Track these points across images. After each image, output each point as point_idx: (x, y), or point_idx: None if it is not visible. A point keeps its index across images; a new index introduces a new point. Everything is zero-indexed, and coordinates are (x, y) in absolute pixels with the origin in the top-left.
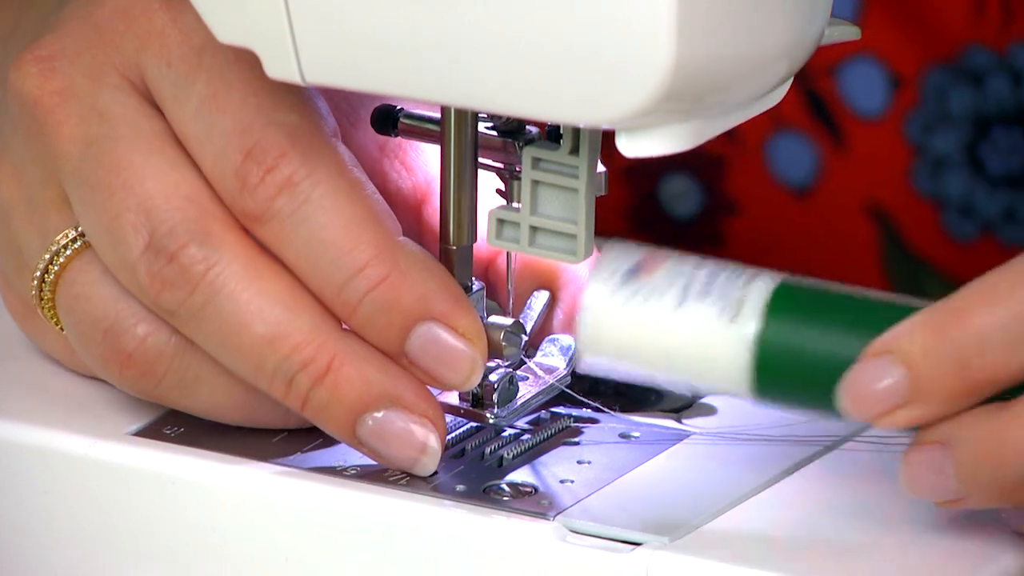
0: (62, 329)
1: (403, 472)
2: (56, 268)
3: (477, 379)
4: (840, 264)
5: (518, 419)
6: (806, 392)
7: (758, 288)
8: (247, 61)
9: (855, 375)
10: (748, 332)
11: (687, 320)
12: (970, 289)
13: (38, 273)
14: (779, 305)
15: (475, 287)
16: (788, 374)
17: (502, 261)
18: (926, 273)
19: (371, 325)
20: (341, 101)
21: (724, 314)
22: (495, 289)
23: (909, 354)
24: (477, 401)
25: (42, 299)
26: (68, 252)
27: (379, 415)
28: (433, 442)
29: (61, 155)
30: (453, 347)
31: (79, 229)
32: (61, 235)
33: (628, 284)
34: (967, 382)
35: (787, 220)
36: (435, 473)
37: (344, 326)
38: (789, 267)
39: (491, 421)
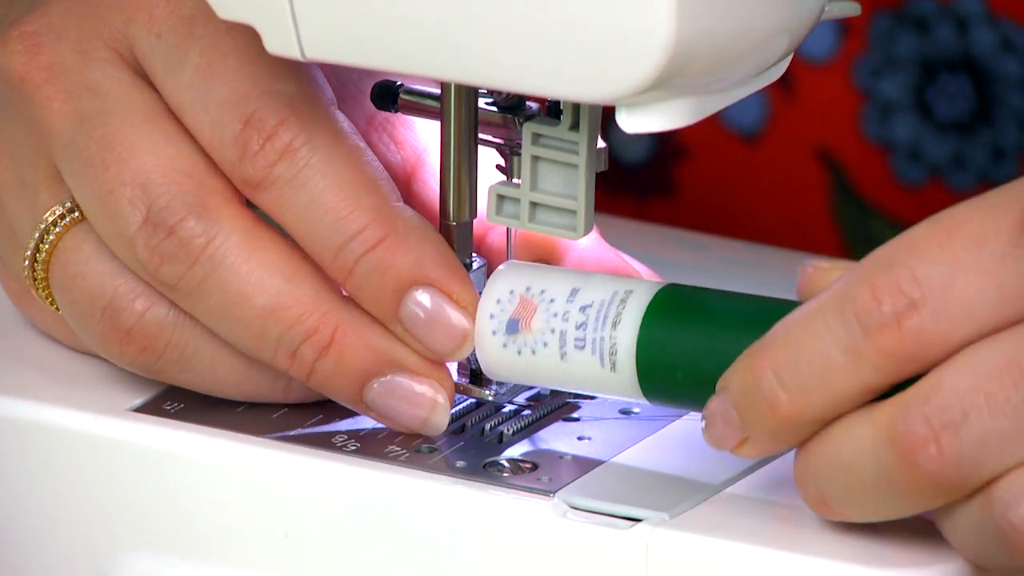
0: (57, 309)
1: (404, 447)
2: (46, 247)
3: (469, 349)
4: (790, 210)
5: (517, 395)
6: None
7: (625, 327)
8: (240, 30)
9: (708, 409)
10: (628, 379)
11: (572, 371)
12: (778, 324)
13: (29, 252)
14: (647, 343)
15: (476, 264)
16: (673, 398)
17: (493, 236)
18: (875, 219)
19: (366, 288)
20: (329, 75)
21: (604, 365)
22: (489, 265)
23: (733, 392)
24: (476, 377)
25: (35, 279)
26: (57, 229)
27: (386, 379)
28: (441, 400)
29: (52, 131)
30: (447, 314)
31: (67, 205)
32: (49, 212)
33: (512, 340)
34: (780, 421)
35: (737, 166)
36: (435, 449)
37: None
38: (740, 213)
39: (490, 398)
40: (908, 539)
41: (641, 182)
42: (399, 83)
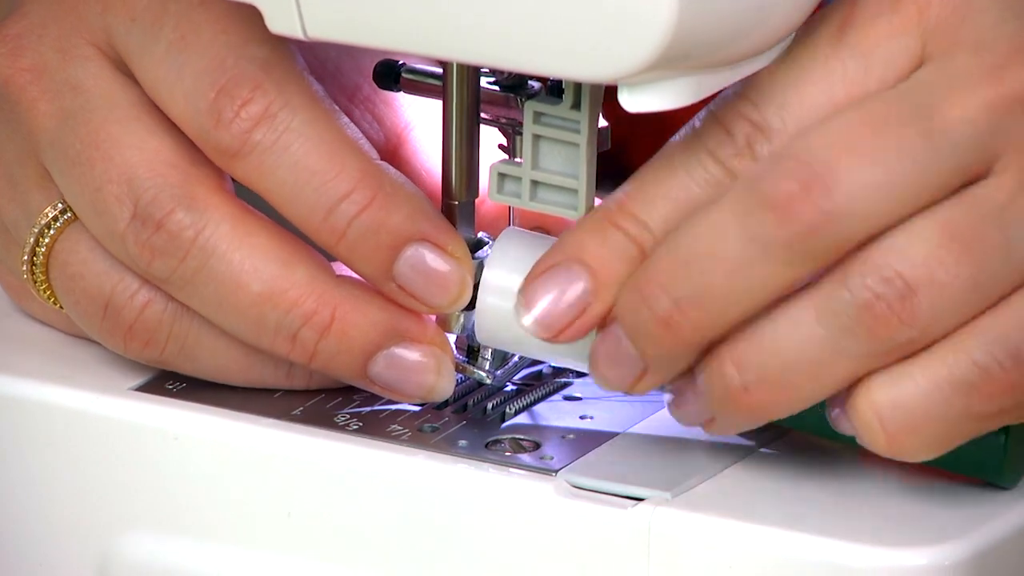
0: (60, 307)
1: (407, 427)
2: (43, 249)
3: (465, 301)
4: None
5: (516, 376)
6: None
7: None
8: (213, 2)
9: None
10: None
11: None
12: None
13: (26, 256)
14: None
15: (489, 244)
16: None
17: (488, 205)
18: None
19: (359, 249)
20: (307, 53)
21: None
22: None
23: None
24: (472, 353)
25: (35, 280)
26: (52, 231)
27: (389, 352)
28: (445, 365)
29: (38, 131)
30: (442, 266)
31: (59, 206)
32: (42, 215)
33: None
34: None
35: None
36: (437, 428)
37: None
38: None
39: (488, 380)
40: (908, 518)
41: None
42: (401, 62)
